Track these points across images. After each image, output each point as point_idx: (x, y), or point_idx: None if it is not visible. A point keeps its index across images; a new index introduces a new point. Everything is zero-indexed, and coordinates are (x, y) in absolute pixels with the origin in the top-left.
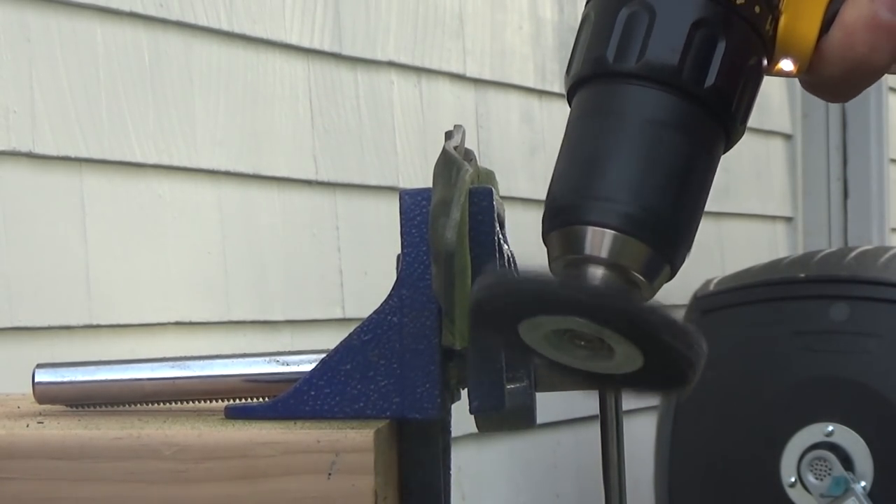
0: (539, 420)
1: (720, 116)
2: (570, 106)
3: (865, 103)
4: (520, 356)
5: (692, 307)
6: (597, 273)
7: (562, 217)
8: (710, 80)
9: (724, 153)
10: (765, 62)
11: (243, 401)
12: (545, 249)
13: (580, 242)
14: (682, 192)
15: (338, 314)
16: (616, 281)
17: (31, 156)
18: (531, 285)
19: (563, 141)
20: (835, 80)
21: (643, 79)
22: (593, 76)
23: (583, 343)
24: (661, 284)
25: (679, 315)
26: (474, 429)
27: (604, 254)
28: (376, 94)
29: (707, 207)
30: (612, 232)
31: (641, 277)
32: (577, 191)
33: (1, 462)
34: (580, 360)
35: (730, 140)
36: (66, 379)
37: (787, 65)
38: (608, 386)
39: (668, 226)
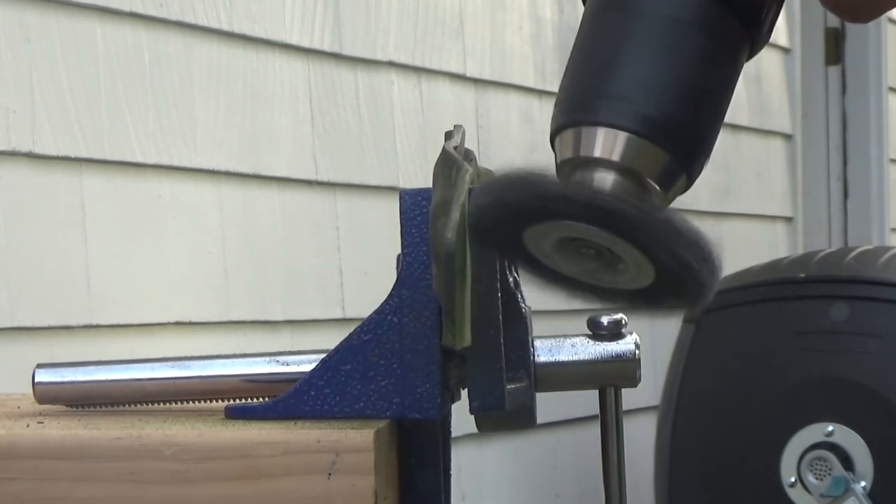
0: (539, 420)
1: (748, 21)
2: (583, 3)
3: (865, 103)
4: (523, 267)
5: None
6: (607, 178)
7: (572, 116)
8: None
9: (747, 61)
10: None
11: (243, 401)
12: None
13: (590, 144)
14: (705, 97)
15: (338, 314)
16: (628, 187)
17: (31, 156)
18: (536, 188)
19: (577, 37)
20: None
21: None
22: None
23: (591, 253)
24: (677, 195)
25: (696, 226)
26: (474, 429)
27: (616, 157)
28: (376, 94)
29: (707, 207)
30: (626, 134)
31: (656, 185)
32: (590, 89)
33: (1, 462)
34: (588, 272)
35: (754, 48)
36: (66, 379)
37: None
38: (616, 300)
39: (687, 131)
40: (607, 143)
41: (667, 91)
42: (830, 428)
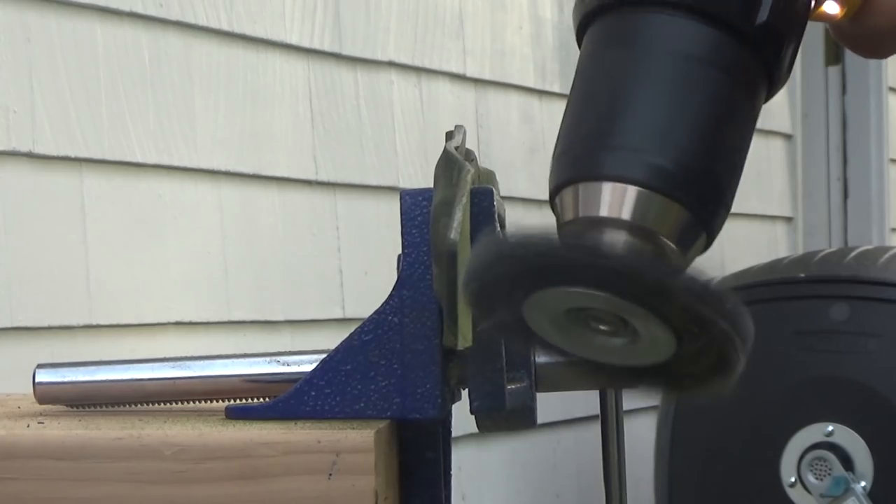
0: (539, 420)
1: (767, 59)
2: (579, 45)
3: (865, 103)
4: (524, 344)
5: None
6: (618, 238)
7: (571, 171)
8: (763, 16)
9: (765, 103)
10: (813, 2)
11: (244, 401)
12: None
13: (595, 202)
14: (723, 143)
15: (338, 314)
16: (641, 248)
17: (31, 156)
18: (537, 251)
19: (575, 81)
20: (880, 31)
21: (681, 7)
22: (617, 2)
23: (601, 327)
24: (696, 255)
25: (725, 287)
26: (474, 429)
27: (626, 215)
28: (376, 94)
29: None
30: (636, 188)
31: (672, 245)
32: (592, 138)
33: (1, 462)
34: (596, 349)
35: (772, 88)
36: (66, 379)
37: (831, 7)
38: (630, 382)
39: (705, 182)
40: (615, 199)
41: (681, 138)
42: (830, 428)
